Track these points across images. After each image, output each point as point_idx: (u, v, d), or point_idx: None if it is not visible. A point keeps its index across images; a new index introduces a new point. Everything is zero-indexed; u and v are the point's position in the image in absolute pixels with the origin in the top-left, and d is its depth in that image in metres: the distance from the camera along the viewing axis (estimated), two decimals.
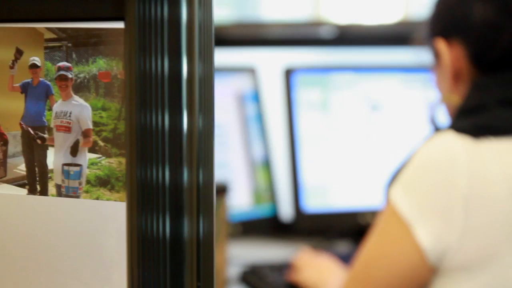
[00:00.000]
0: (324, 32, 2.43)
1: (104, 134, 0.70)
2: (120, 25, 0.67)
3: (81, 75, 0.70)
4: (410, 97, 2.30)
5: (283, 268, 1.95)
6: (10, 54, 0.72)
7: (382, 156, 2.25)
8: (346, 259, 1.90)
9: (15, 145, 0.73)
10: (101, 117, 0.70)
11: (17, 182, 0.73)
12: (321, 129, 2.25)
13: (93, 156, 0.70)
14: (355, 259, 1.46)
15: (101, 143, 0.70)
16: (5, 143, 0.73)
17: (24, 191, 0.73)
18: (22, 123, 0.72)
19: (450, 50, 1.48)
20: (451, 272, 1.36)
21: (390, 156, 2.23)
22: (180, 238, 0.67)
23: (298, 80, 2.26)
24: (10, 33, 0.72)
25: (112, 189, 0.70)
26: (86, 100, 0.70)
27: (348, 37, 2.46)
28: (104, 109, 0.70)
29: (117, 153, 0.69)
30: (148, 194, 0.67)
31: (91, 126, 0.70)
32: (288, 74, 2.25)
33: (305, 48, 2.48)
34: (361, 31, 2.52)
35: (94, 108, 0.70)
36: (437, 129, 1.52)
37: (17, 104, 0.73)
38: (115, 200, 0.70)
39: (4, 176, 0.73)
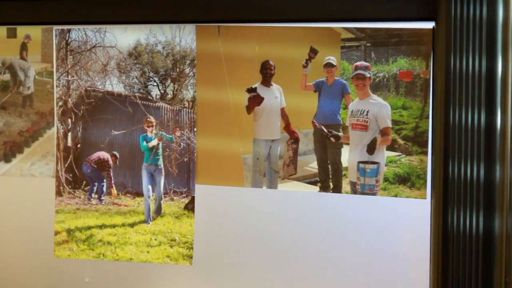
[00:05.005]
0: None
1: (404, 132, 0.71)
2: (427, 25, 0.69)
3: (380, 74, 0.71)
4: None
5: None
6: (303, 54, 0.73)
7: None
8: None
9: (306, 143, 0.74)
10: (401, 115, 0.71)
11: (308, 179, 0.74)
12: None
13: (391, 154, 0.71)
14: None
15: (401, 141, 0.71)
16: (296, 141, 0.74)
17: (315, 188, 0.73)
18: (314, 121, 0.73)
19: None
20: None
21: None
22: (492, 234, 0.68)
23: None
24: (304, 33, 0.72)
25: (412, 186, 0.71)
26: (384, 99, 0.71)
27: None
28: (404, 107, 0.71)
29: (418, 151, 0.70)
30: (459, 191, 0.68)
31: (390, 125, 0.71)
32: None
33: None
34: None
35: (393, 107, 0.71)
36: None
37: (309, 103, 0.73)
38: (415, 197, 0.71)
39: (294, 174, 0.74)
